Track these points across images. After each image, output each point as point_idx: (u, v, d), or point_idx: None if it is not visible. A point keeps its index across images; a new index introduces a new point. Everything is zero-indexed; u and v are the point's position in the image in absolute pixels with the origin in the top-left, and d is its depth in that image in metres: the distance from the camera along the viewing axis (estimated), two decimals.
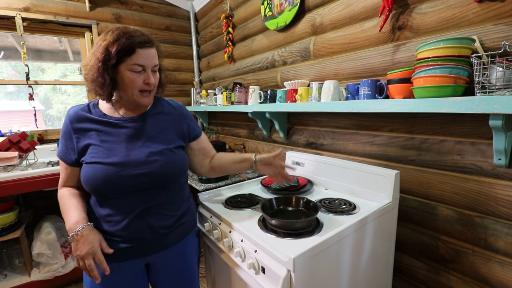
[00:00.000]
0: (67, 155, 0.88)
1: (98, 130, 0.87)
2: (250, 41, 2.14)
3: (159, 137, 0.93)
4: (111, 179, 0.82)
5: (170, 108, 1.01)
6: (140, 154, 0.86)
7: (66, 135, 0.88)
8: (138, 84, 0.84)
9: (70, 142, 0.88)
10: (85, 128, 0.87)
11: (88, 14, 2.40)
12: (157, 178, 0.87)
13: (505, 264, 0.93)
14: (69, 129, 0.88)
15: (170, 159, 0.91)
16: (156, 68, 0.89)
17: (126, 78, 0.83)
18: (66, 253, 1.91)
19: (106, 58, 0.80)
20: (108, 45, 0.80)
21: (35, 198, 2.19)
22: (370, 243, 0.98)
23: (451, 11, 0.98)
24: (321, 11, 1.49)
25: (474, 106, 0.77)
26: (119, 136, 0.88)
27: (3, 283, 1.74)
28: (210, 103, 2.42)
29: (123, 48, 0.80)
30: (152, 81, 0.87)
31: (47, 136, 2.34)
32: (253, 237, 0.85)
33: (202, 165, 1.09)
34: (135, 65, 0.82)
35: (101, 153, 0.84)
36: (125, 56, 0.81)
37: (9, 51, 2.41)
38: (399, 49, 1.15)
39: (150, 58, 0.85)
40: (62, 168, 0.91)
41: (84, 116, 0.88)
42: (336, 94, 1.25)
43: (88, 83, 0.86)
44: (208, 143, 1.13)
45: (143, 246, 0.89)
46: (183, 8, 2.92)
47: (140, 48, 0.82)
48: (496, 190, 0.93)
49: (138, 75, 0.84)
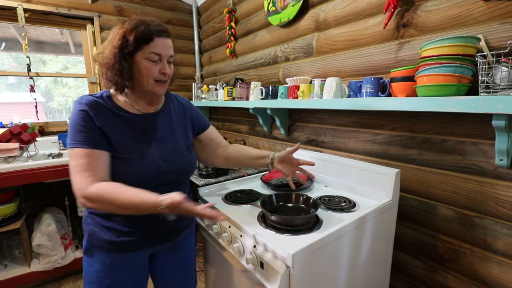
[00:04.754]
0: (98, 141, 0.79)
1: (118, 123, 0.85)
2: (253, 36, 2.12)
3: (175, 135, 0.95)
4: (134, 176, 0.83)
5: (179, 104, 1.03)
6: (162, 152, 0.89)
7: (86, 122, 0.79)
8: (154, 73, 0.83)
9: (95, 127, 0.80)
10: (104, 118, 0.82)
11: (90, 6, 2.38)
12: (176, 175, 0.93)
13: (504, 265, 0.93)
14: (89, 116, 0.80)
15: (188, 157, 0.97)
16: (172, 59, 0.88)
17: (142, 67, 0.81)
18: (65, 244, 1.92)
19: (123, 45, 0.78)
20: (126, 33, 0.79)
21: (35, 189, 2.19)
22: (369, 241, 0.99)
23: (456, 9, 0.97)
24: (325, 7, 1.48)
25: (478, 105, 0.76)
26: (138, 133, 0.87)
27: (3, 273, 1.76)
28: (211, 98, 2.41)
29: (141, 35, 0.79)
30: (167, 71, 0.85)
31: (48, 128, 2.34)
32: (253, 232, 0.85)
33: (215, 155, 1.11)
34: (152, 53, 0.81)
35: (126, 148, 0.83)
36: (143, 44, 0.79)
37: (10, 42, 2.40)
38: (403, 47, 1.14)
39: (167, 48, 0.84)
40: (85, 161, 0.77)
41: (102, 105, 0.83)
42: (338, 91, 1.24)
43: (104, 70, 0.83)
44: (217, 134, 1.14)
45: (154, 236, 0.92)
46: (185, 2, 2.90)
47: (158, 36, 0.81)
48: (496, 190, 0.93)
49: (154, 64, 0.82)
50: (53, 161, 1.76)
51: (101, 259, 0.87)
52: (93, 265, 0.89)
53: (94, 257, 0.88)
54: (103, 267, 0.87)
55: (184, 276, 1.07)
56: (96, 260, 0.88)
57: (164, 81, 0.87)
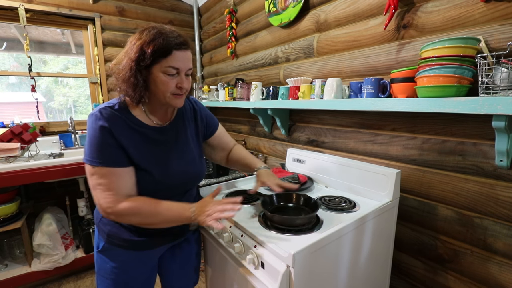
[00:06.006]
0: (120, 159, 0.80)
1: (136, 138, 0.84)
2: (253, 37, 2.13)
3: (190, 144, 0.98)
4: (159, 188, 0.87)
5: (190, 109, 1.03)
6: (183, 163, 0.92)
7: (108, 140, 0.78)
8: (171, 87, 0.80)
9: (116, 144, 0.79)
10: (124, 133, 0.81)
11: (91, 7, 2.39)
12: (192, 183, 1.00)
13: (503, 265, 0.94)
14: (110, 132, 0.78)
15: (201, 166, 1.01)
16: (190, 72, 0.85)
17: (158, 80, 0.78)
18: (66, 244, 1.92)
19: (140, 58, 0.75)
20: (143, 45, 0.75)
21: (36, 189, 2.20)
22: (369, 241, 0.99)
23: (457, 11, 0.97)
24: (325, 8, 1.48)
25: (478, 106, 0.77)
26: (159, 146, 0.88)
27: (4, 272, 1.76)
28: (211, 99, 2.42)
29: (159, 48, 0.75)
30: (185, 86, 0.83)
31: (49, 128, 2.34)
32: (253, 232, 0.85)
33: (221, 158, 1.17)
34: (170, 67, 0.77)
35: (147, 162, 0.84)
36: (161, 57, 0.76)
37: (12, 42, 2.40)
38: (403, 47, 1.14)
39: (185, 61, 0.80)
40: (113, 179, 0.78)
41: (121, 120, 0.82)
42: (339, 92, 1.25)
43: (119, 83, 0.81)
44: (226, 137, 1.16)
45: (169, 235, 0.96)
46: (186, 2, 2.90)
47: (176, 50, 0.77)
48: (496, 191, 0.93)
49: (172, 78, 0.79)
50: (54, 161, 1.76)
51: (117, 256, 0.92)
52: (109, 262, 0.92)
53: (111, 255, 0.92)
54: (119, 264, 0.92)
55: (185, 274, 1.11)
56: (113, 258, 0.92)
57: (181, 94, 0.84)
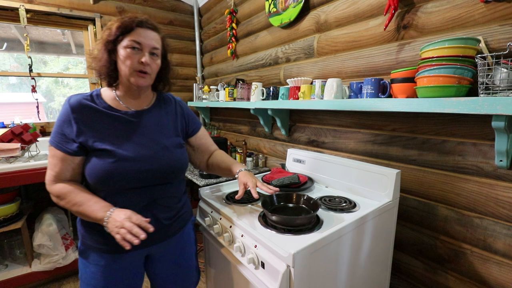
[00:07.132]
0: (66, 144, 0.82)
1: (103, 122, 0.85)
2: (254, 37, 2.13)
3: (164, 132, 0.94)
4: (121, 173, 0.82)
5: (173, 103, 1.02)
6: (149, 149, 0.88)
7: (66, 124, 0.82)
8: (133, 62, 0.82)
9: (70, 131, 0.82)
10: (89, 118, 0.84)
11: (92, 7, 2.39)
12: (165, 173, 0.91)
13: (503, 265, 0.94)
14: (69, 118, 0.82)
15: (176, 155, 0.94)
16: (156, 51, 0.86)
17: (123, 57, 0.82)
18: (66, 244, 1.92)
19: (107, 35, 0.83)
20: (112, 25, 0.84)
21: (36, 189, 2.20)
22: (369, 241, 0.99)
23: (456, 11, 0.97)
24: (326, 8, 1.49)
25: (477, 106, 0.77)
26: (126, 130, 0.87)
27: (4, 273, 1.76)
28: (212, 99, 2.42)
29: (123, 24, 0.82)
30: (147, 61, 0.83)
31: (49, 129, 2.34)
32: (254, 232, 0.85)
33: (201, 161, 1.13)
34: (131, 41, 0.82)
35: (109, 146, 0.83)
36: (124, 33, 0.82)
37: (12, 42, 2.41)
38: (403, 48, 1.14)
39: (148, 38, 0.84)
40: (55, 161, 0.82)
41: (88, 106, 0.85)
42: (339, 92, 1.25)
43: (93, 63, 0.88)
44: (207, 139, 1.13)
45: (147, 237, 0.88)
46: (187, 3, 2.91)
47: (139, 26, 0.83)
48: (496, 191, 0.93)
49: (134, 52, 0.82)
50: None
51: (95, 261, 0.87)
52: (88, 266, 0.89)
53: (88, 258, 0.88)
54: (98, 268, 0.87)
55: (181, 277, 1.04)
56: (91, 262, 0.88)
57: (145, 72, 0.85)
